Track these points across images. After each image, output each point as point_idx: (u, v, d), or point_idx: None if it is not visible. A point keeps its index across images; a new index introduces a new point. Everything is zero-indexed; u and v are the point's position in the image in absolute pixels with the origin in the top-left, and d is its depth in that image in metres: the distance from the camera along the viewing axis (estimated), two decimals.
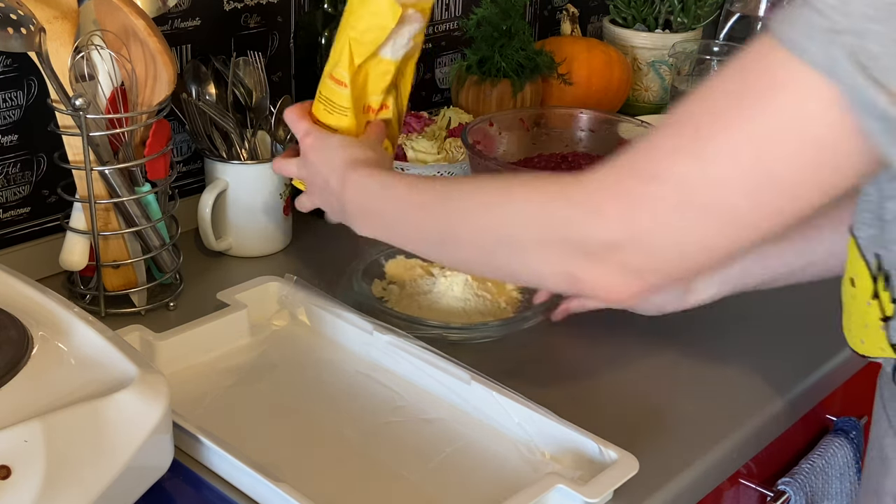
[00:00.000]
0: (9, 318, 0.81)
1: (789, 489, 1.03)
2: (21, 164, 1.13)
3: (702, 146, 0.65)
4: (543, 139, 1.35)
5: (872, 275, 0.73)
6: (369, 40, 0.97)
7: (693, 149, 0.65)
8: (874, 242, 0.72)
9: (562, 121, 1.37)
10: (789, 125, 0.62)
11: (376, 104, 1.02)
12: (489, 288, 1.10)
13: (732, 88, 0.65)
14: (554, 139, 1.36)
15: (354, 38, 0.97)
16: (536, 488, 0.80)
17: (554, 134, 1.36)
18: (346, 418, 0.94)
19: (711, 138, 0.64)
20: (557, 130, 1.36)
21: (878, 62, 0.58)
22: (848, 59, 0.59)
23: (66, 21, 1.00)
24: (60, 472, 0.70)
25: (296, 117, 1.00)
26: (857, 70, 0.58)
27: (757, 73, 0.63)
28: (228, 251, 1.21)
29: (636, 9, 1.71)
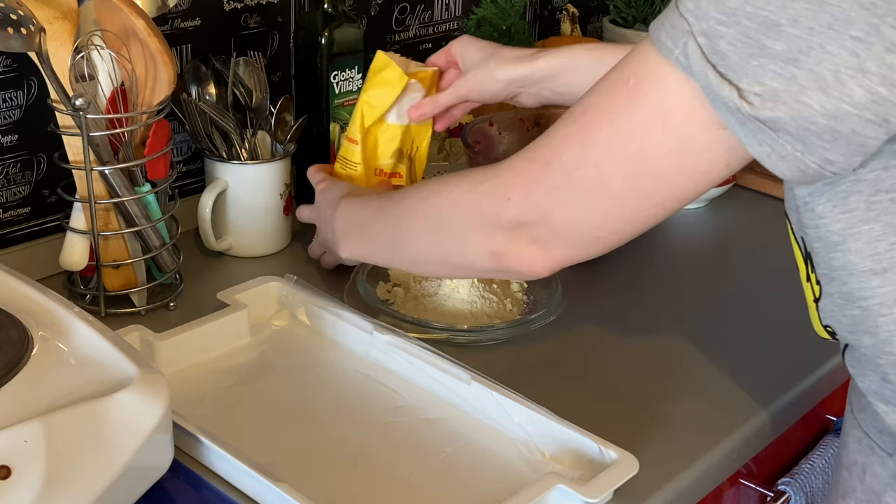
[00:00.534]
0: (9, 318, 0.81)
1: (789, 489, 1.03)
2: (21, 164, 1.13)
3: (585, 134, 0.74)
4: None
5: (803, 257, 0.79)
6: (378, 104, 1.11)
7: (579, 137, 0.74)
8: (797, 227, 0.77)
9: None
10: (656, 117, 0.70)
11: (388, 168, 1.14)
12: (495, 290, 1.10)
13: (615, 83, 0.72)
14: None
15: (366, 102, 1.11)
16: (536, 488, 0.80)
17: None
18: (346, 418, 0.94)
19: (593, 128, 0.73)
20: None
21: (726, 61, 0.64)
22: (701, 58, 0.65)
23: (66, 21, 1.00)
24: (60, 472, 0.70)
25: (314, 171, 1.13)
26: (709, 68, 0.65)
27: (633, 69, 0.71)
28: (228, 251, 1.21)
29: (636, 9, 1.71)
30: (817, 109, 0.63)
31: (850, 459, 0.83)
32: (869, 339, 0.75)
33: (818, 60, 0.62)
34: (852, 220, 0.71)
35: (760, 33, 0.63)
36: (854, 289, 0.73)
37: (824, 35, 0.61)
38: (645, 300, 1.17)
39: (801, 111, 0.63)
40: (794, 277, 1.13)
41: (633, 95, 0.71)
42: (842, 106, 0.62)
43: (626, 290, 1.19)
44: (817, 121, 0.63)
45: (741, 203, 1.41)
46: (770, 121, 0.64)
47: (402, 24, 1.49)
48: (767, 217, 1.38)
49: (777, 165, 0.66)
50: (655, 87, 0.69)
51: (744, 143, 0.67)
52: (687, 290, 1.20)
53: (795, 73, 0.63)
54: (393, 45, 1.48)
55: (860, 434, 0.82)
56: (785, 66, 0.63)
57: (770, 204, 1.41)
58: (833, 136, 0.64)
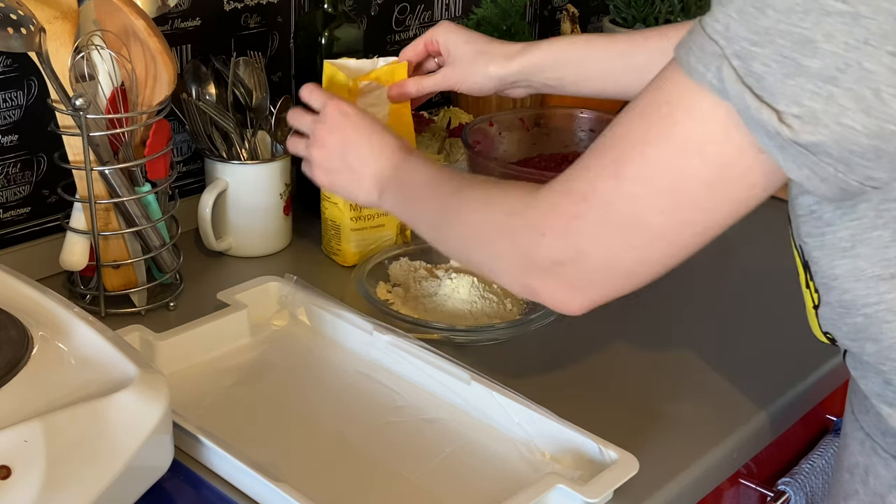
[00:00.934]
0: (9, 318, 0.81)
1: (789, 489, 1.03)
2: (21, 164, 1.13)
3: (619, 167, 0.71)
4: (543, 139, 1.35)
5: (802, 264, 0.78)
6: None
7: (613, 169, 0.71)
8: (796, 234, 0.77)
9: (562, 121, 1.37)
10: (692, 145, 0.67)
11: None
12: (495, 290, 1.10)
13: (646, 111, 0.70)
14: (554, 139, 1.36)
15: None
16: (536, 488, 0.80)
17: (554, 134, 1.36)
18: (346, 418, 0.94)
19: (627, 160, 0.70)
20: (557, 130, 1.36)
21: (762, 82, 0.63)
22: (736, 80, 0.63)
23: (66, 21, 1.00)
24: (60, 472, 0.70)
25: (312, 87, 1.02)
26: (746, 91, 0.63)
27: (665, 96, 0.69)
28: (228, 251, 1.21)
29: (636, 9, 1.71)
30: (860, 131, 0.61)
31: (851, 461, 0.83)
32: (872, 346, 0.74)
33: (857, 78, 0.60)
34: (861, 227, 0.70)
35: (795, 51, 0.61)
36: (859, 295, 0.72)
37: (861, 51, 0.60)
38: (645, 300, 1.17)
39: (844, 133, 0.62)
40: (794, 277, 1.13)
41: (665, 124, 0.68)
42: (886, 126, 0.61)
43: None
44: (861, 141, 0.62)
45: None
46: (811, 145, 0.63)
47: (402, 24, 1.49)
48: (768, 217, 1.37)
49: (818, 187, 0.65)
50: (689, 115, 0.67)
51: (783, 167, 0.65)
52: (687, 291, 1.20)
53: (834, 92, 0.61)
54: (393, 45, 1.48)
55: (862, 436, 0.81)
56: (823, 86, 0.61)
57: (770, 204, 1.40)
58: (877, 155, 0.62)
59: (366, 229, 1.18)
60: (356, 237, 1.17)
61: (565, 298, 0.77)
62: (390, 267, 1.14)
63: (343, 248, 1.18)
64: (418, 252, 1.17)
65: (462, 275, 1.10)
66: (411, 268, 1.14)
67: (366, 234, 1.18)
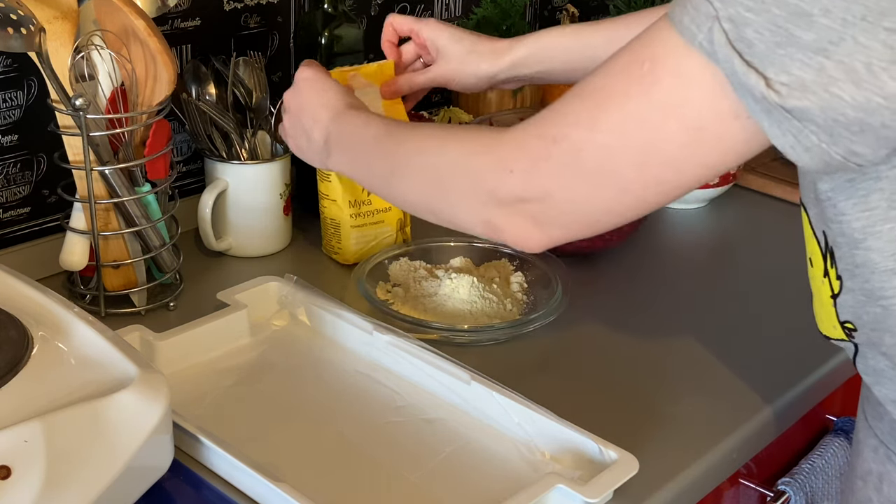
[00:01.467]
0: (9, 318, 0.81)
1: (789, 489, 1.03)
2: (21, 164, 1.13)
3: (595, 116, 0.72)
4: None
5: (822, 252, 0.77)
6: None
7: (589, 118, 0.72)
8: (819, 220, 0.76)
9: None
10: (673, 104, 0.68)
11: None
12: (495, 290, 1.10)
13: (629, 66, 0.70)
14: None
15: None
16: (536, 488, 0.80)
17: None
18: (346, 418, 0.94)
19: (605, 110, 0.71)
20: None
21: (752, 48, 0.63)
22: (726, 44, 0.64)
23: (66, 21, 1.00)
24: (60, 473, 0.70)
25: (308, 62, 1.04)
26: (734, 54, 0.64)
27: (650, 52, 0.69)
28: (228, 251, 1.21)
29: (636, 9, 1.71)
30: (848, 101, 0.62)
31: (864, 468, 0.82)
32: (890, 338, 0.74)
33: (849, 52, 0.61)
34: (873, 219, 0.70)
35: (790, 22, 0.61)
36: (875, 287, 0.72)
37: (857, 26, 0.60)
38: (645, 300, 1.17)
39: (831, 102, 0.62)
40: (794, 277, 1.13)
41: (647, 81, 0.69)
42: (874, 98, 0.61)
43: (625, 290, 1.19)
44: (847, 112, 0.62)
45: (741, 203, 1.41)
46: (797, 110, 0.63)
47: None
48: (767, 217, 1.38)
49: (801, 157, 0.65)
50: (672, 74, 0.67)
51: (767, 133, 0.65)
52: (687, 290, 1.20)
53: (824, 64, 0.61)
54: None
55: (876, 443, 0.80)
56: (813, 57, 0.61)
57: (770, 204, 1.41)
58: (861, 128, 0.63)
59: (365, 226, 1.18)
60: (356, 234, 1.17)
61: (527, 235, 0.78)
62: (390, 267, 1.14)
63: (343, 245, 1.18)
64: (418, 252, 1.17)
65: (462, 275, 1.10)
66: (411, 268, 1.14)
67: (366, 230, 1.18)
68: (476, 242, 1.18)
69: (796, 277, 1.21)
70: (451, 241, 1.18)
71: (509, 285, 1.13)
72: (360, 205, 1.17)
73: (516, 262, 1.16)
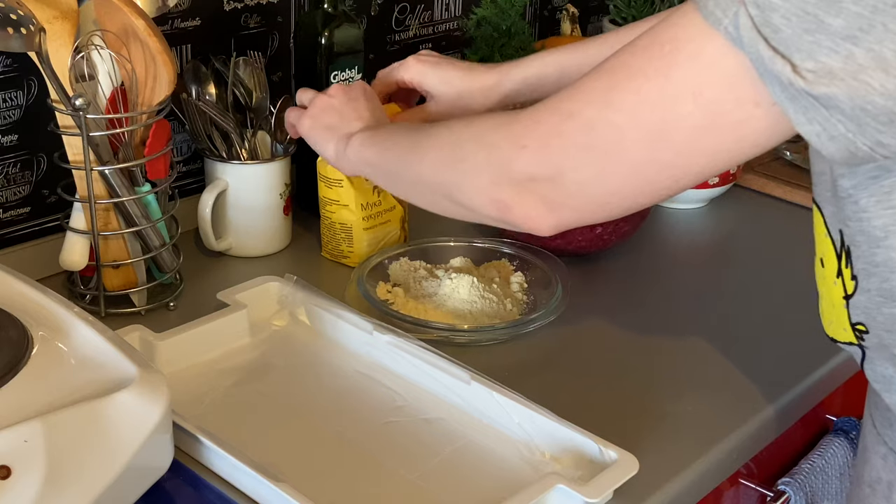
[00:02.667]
0: (9, 318, 0.81)
1: (789, 489, 1.03)
2: (21, 164, 1.13)
3: (611, 95, 0.71)
4: None
5: (837, 252, 0.76)
6: None
7: (604, 96, 0.71)
8: (836, 219, 0.75)
9: None
10: (691, 87, 0.67)
11: None
12: (495, 290, 1.10)
13: (649, 46, 0.70)
14: None
15: None
16: (536, 488, 0.80)
17: None
18: (346, 418, 0.94)
19: (620, 90, 0.70)
20: None
21: (779, 34, 0.62)
22: (751, 29, 0.63)
23: (66, 21, 1.00)
24: (60, 472, 0.70)
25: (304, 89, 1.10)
26: (760, 40, 0.62)
27: (672, 34, 0.68)
28: (228, 251, 1.21)
29: (636, 9, 1.70)
30: (877, 88, 0.60)
31: (873, 476, 0.81)
32: None
33: (879, 39, 0.59)
34: (894, 218, 0.69)
35: (819, 8, 0.60)
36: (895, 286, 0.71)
37: (888, 13, 0.59)
38: (645, 300, 1.17)
39: (859, 89, 0.61)
40: (794, 277, 1.13)
41: (666, 62, 0.68)
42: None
43: (626, 290, 1.19)
44: (875, 100, 0.61)
45: (741, 203, 1.41)
46: (825, 97, 0.62)
47: (402, 24, 1.49)
48: (767, 217, 1.38)
49: (826, 146, 0.64)
50: (693, 58, 0.66)
51: (792, 120, 0.64)
52: (687, 290, 1.20)
53: (853, 51, 0.60)
54: (393, 45, 1.48)
55: (885, 451, 0.79)
56: (842, 44, 0.60)
57: (770, 204, 1.41)
58: (889, 119, 0.61)
59: (375, 227, 1.18)
60: (368, 236, 1.18)
61: (536, 216, 0.77)
62: (390, 267, 1.14)
63: (356, 249, 1.18)
64: (418, 252, 1.17)
65: (462, 275, 1.10)
66: (411, 268, 1.14)
67: (376, 231, 1.18)
68: (476, 242, 1.18)
69: (796, 277, 1.21)
70: (451, 241, 1.18)
71: (509, 285, 1.13)
72: (371, 206, 1.17)
73: (516, 262, 1.16)
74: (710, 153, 0.70)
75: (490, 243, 1.18)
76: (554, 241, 1.20)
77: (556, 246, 1.19)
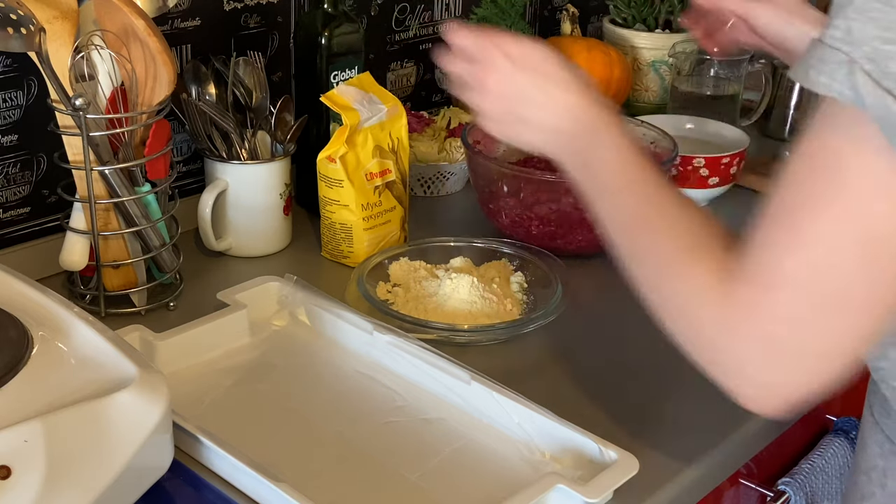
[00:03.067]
0: (9, 318, 0.81)
1: (789, 489, 1.03)
2: (21, 164, 1.13)
3: (801, 238, 0.63)
4: None
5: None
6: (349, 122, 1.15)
7: (794, 242, 0.63)
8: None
9: None
10: (867, 183, 0.60)
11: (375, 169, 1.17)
12: (495, 290, 1.10)
13: (807, 170, 0.63)
14: None
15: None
16: (536, 488, 0.80)
17: None
18: (346, 418, 0.94)
19: (806, 227, 0.63)
20: None
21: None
22: (874, 86, 0.57)
23: (66, 21, 1.00)
24: (60, 472, 0.70)
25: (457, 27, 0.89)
26: (885, 95, 0.57)
27: (818, 143, 0.62)
28: (228, 251, 1.21)
29: (636, 9, 1.71)
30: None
31: (869, 464, 0.82)
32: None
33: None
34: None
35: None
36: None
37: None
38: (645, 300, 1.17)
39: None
40: None
41: (826, 172, 0.61)
42: None
43: (625, 289, 1.19)
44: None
45: (741, 203, 1.41)
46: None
47: (402, 24, 1.49)
48: None
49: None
50: (848, 148, 0.60)
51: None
52: None
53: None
54: (393, 45, 1.48)
55: (882, 439, 0.80)
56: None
57: None
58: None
59: (376, 227, 1.18)
60: (368, 236, 1.18)
61: (752, 399, 0.69)
62: (390, 267, 1.14)
63: (356, 249, 1.18)
64: (418, 252, 1.17)
65: (462, 275, 1.10)
66: (411, 268, 1.14)
67: (376, 231, 1.19)
68: (476, 242, 1.18)
69: None
70: (451, 241, 1.18)
71: (509, 285, 1.13)
72: (371, 207, 1.17)
73: (516, 262, 1.16)
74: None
75: (490, 243, 1.18)
76: (554, 242, 1.21)
77: (556, 246, 1.20)
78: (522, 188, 1.22)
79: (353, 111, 1.14)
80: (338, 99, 1.15)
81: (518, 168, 1.25)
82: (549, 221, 1.21)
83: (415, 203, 1.35)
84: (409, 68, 1.53)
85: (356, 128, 1.15)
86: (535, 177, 1.21)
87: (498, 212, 1.25)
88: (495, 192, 1.24)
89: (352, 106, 1.14)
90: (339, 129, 1.15)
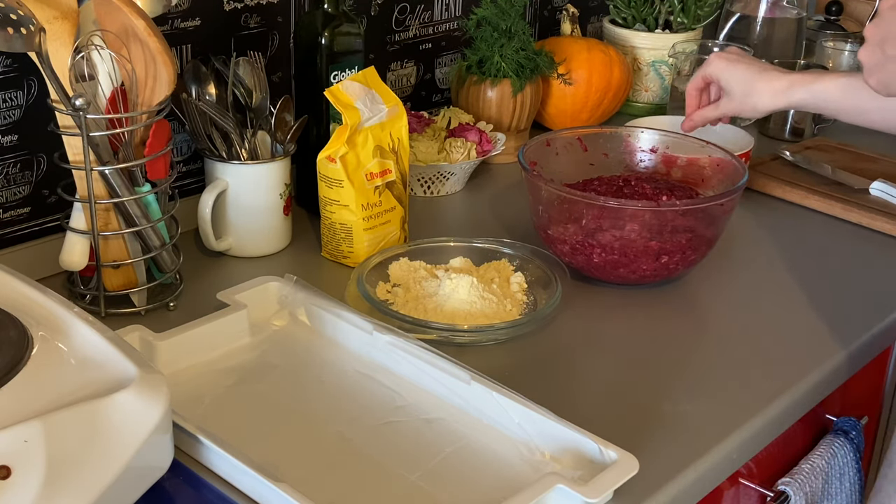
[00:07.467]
0: (9, 318, 0.81)
1: (789, 489, 1.03)
2: (21, 164, 1.13)
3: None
4: (602, 160, 1.31)
5: None
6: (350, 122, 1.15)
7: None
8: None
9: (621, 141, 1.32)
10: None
11: (376, 169, 1.17)
12: (495, 290, 1.10)
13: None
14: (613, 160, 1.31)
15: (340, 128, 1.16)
16: (536, 488, 0.80)
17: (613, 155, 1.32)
18: (346, 418, 0.94)
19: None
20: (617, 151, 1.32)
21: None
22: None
23: (66, 21, 1.00)
24: (60, 473, 0.70)
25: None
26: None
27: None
28: (228, 251, 1.21)
29: (636, 9, 1.71)
30: None
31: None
32: None
33: None
34: None
35: None
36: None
37: None
38: (644, 300, 1.17)
39: None
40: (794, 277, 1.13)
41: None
42: None
43: (625, 290, 1.19)
44: None
45: (741, 203, 1.41)
46: None
47: (402, 24, 1.49)
48: (768, 217, 1.38)
49: None
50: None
51: None
52: (686, 291, 1.20)
53: None
54: (393, 45, 1.48)
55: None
56: None
57: (771, 204, 1.41)
58: None
59: (376, 227, 1.18)
60: (368, 236, 1.18)
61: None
62: (390, 267, 1.14)
63: (356, 249, 1.18)
64: (418, 252, 1.17)
65: (462, 275, 1.10)
66: (411, 268, 1.14)
67: (376, 231, 1.19)
68: (476, 242, 1.18)
69: (796, 277, 1.21)
70: (451, 241, 1.18)
71: (509, 285, 1.13)
72: (371, 207, 1.17)
73: (516, 262, 1.16)
74: None
75: (490, 243, 1.18)
76: (617, 271, 1.15)
77: (619, 276, 1.16)
78: (584, 214, 1.15)
79: (355, 110, 1.14)
80: (341, 95, 1.14)
81: (579, 193, 1.17)
82: (613, 250, 1.14)
83: (415, 203, 1.35)
84: (409, 68, 1.53)
85: (356, 128, 1.15)
86: (598, 203, 1.15)
87: (557, 238, 1.18)
88: (553, 216, 1.18)
89: (354, 104, 1.14)
90: (339, 128, 1.15)
